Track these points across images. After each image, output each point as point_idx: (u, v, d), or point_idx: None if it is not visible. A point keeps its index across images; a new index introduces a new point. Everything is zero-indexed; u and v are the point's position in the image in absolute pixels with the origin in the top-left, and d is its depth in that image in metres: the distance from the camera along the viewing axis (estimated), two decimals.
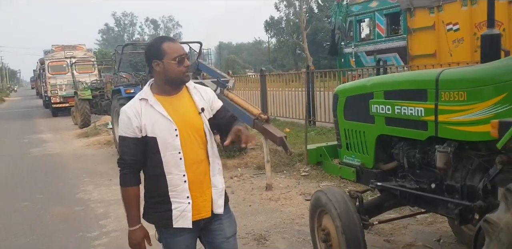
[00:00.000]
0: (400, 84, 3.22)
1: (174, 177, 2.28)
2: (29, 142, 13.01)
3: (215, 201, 2.37)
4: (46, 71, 22.03)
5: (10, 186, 7.58)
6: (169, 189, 2.28)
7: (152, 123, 2.26)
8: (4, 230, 5.26)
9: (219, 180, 2.43)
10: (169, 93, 2.34)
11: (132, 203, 2.30)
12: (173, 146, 2.27)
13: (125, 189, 2.30)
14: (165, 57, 2.25)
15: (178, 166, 2.28)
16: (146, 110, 2.28)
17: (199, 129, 2.34)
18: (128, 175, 2.30)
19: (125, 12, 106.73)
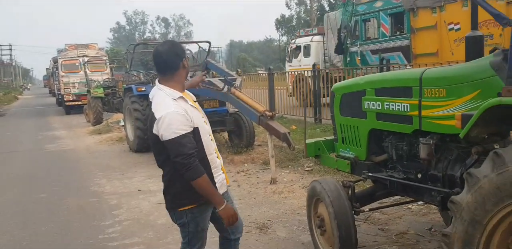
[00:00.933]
0: (389, 82, 3.49)
1: (212, 156, 2.69)
2: (43, 139, 13.42)
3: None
4: (59, 70, 22.49)
5: (28, 179, 7.95)
6: (212, 167, 2.66)
7: (192, 115, 2.59)
8: (24, 219, 5.61)
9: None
10: (183, 89, 2.73)
11: (212, 187, 2.59)
12: (207, 130, 2.70)
13: (203, 177, 2.52)
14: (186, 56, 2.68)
15: (212, 146, 2.71)
16: (186, 106, 2.60)
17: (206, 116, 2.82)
18: (199, 166, 2.51)
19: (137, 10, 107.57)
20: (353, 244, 3.39)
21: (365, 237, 4.26)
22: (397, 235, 4.27)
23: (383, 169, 3.69)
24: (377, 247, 4.02)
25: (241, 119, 8.71)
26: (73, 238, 4.81)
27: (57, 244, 4.67)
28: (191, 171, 2.49)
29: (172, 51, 2.61)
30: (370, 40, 10.86)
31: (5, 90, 49.79)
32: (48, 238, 4.86)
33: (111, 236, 4.80)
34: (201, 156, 2.58)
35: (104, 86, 16.23)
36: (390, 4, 9.91)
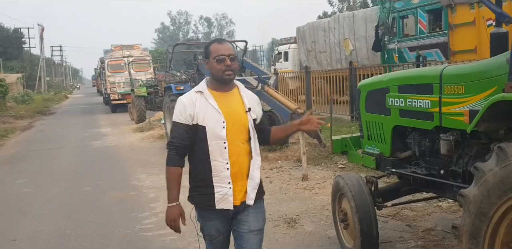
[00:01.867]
0: (411, 79, 3.55)
1: (218, 164, 2.49)
2: (90, 136, 14.02)
3: (249, 193, 2.54)
4: (105, 70, 23.34)
5: (74, 173, 8.40)
6: (213, 174, 2.49)
7: (204, 113, 2.49)
8: (68, 209, 5.98)
9: (257, 175, 2.57)
10: (222, 89, 2.57)
11: (173, 182, 2.50)
12: (219, 136, 2.48)
13: (169, 168, 2.51)
14: (210, 56, 2.53)
15: (223, 154, 2.49)
16: (200, 101, 2.52)
17: (244, 126, 2.55)
18: (174, 156, 2.51)
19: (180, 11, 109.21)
20: (374, 237, 3.47)
21: (392, 233, 4.32)
22: (424, 231, 4.30)
23: (407, 165, 3.74)
24: (403, 243, 4.07)
25: (276, 117, 8.85)
26: (112, 228, 5.11)
27: (98, 233, 4.97)
28: (167, 157, 2.52)
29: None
30: (408, 37, 10.73)
31: (56, 89, 51.98)
32: (90, 228, 5.17)
33: (147, 226, 5.06)
34: (202, 159, 2.50)
35: (147, 86, 16.74)
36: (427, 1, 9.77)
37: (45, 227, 5.33)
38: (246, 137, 2.55)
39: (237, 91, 2.63)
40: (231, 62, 2.51)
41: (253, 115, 2.57)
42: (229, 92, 2.59)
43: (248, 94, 2.65)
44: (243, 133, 2.55)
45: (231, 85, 2.61)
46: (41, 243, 4.83)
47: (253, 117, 2.57)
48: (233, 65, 2.53)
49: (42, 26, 53.15)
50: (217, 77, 2.54)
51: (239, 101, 2.58)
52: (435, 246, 3.95)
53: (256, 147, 2.59)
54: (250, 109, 2.56)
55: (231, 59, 2.51)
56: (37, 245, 4.77)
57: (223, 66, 2.49)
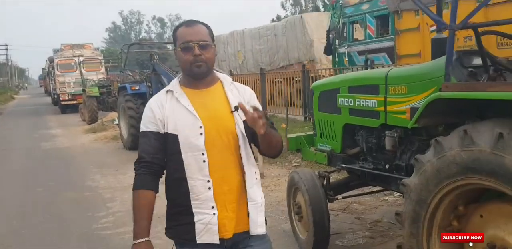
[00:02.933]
0: (360, 80, 3.81)
1: (196, 183, 1.94)
2: (39, 137, 13.67)
3: (253, 218, 1.98)
4: (55, 69, 22.74)
5: (25, 174, 8.23)
6: (191, 197, 1.95)
7: (175, 117, 1.97)
8: (21, 210, 5.90)
9: (258, 193, 2.03)
10: (197, 86, 2.02)
11: (142, 211, 1.94)
12: (196, 145, 1.94)
13: (136, 192, 1.97)
14: (177, 43, 2.00)
15: (201, 170, 1.94)
16: (171, 103, 2.00)
17: (229, 130, 1.98)
18: (142, 176, 1.97)
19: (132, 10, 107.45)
20: (326, 228, 3.70)
21: (342, 225, 4.59)
22: (371, 223, 4.59)
23: (355, 160, 4.00)
24: (352, 233, 4.34)
25: None
26: (70, 228, 5.11)
27: (55, 233, 4.96)
28: (134, 179, 2.00)
29: None
30: (357, 41, 11.20)
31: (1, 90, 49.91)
32: (46, 228, 5.15)
33: (105, 225, 5.10)
34: (177, 177, 1.97)
35: (99, 86, 16.53)
36: (376, 7, 10.24)
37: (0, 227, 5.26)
38: (234, 144, 1.99)
39: (220, 86, 2.05)
40: (201, 51, 1.93)
41: (242, 115, 1.93)
42: (208, 88, 2.03)
43: (237, 88, 2.08)
44: (229, 140, 1.98)
45: (211, 80, 2.04)
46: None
47: (244, 118, 1.94)
48: (204, 55, 1.94)
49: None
50: (186, 71, 2.01)
51: (222, 99, 2.02)
52: (381, 236, 4.24)
53: (250, 157, 2.02)
54: (237, 108, 1.93)
55: (201, 46, 1.94)
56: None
57: (190, 56, 1.94)
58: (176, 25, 2.08)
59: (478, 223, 2.29)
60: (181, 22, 2.14)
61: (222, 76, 2.11)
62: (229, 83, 2.08)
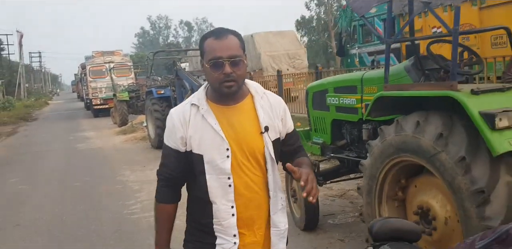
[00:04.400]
0: (342, 82, 4.49)
1: (220, 208, 1.85)
2: (75, 139, 14.71)
3: (275, 244, 1.92)
4: (87, 75, 23.95)
5: (63, 172, 9.17)
6: (214, 222, 1.86)
7: (199, 137, 1.84)
8: (62, 201, 6.78)
9: (282, 219, 1.94)
10: (226, 102, 1.86)
11: (163, 223, 1.94)
12: (221, 169, 1.83)
13: (158, 205, 1.95)
14: (204, 57, 1.82)
15: (227, 195, 1.84)
16: (196, 119, 1.85)
17: (258, 153, 1.86)
18: (164, 189, 1.95)
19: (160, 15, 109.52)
20: (315, 208, 4.40)
21: (336, 208, 5.26)
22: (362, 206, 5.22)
23: (343, 151, 4.67)
24: (343, 214, 5.01)
25: None
26: (104, 214, 5.93)
27: (91, 218, 5.79)
28: (156, 191, 1.99)
29: None
30: (367, 43, 11.78)
31: (36, 95, 52.06)
32: (83, 214, 5.99)
33: (133, 211, 5.91)
34: (200, 197, 1.88)
35: (129, 90, 17.48)
36: (383, 10, 10.78)
37: (44, 214, 6.12)
38: (262, 168, 1.87)
39: (251, 101, 1.88)
40: (232, 68, 1.75)
41: (273, 133, 1.86)
42: (237, 104, 1.87)
43: (269, 100, 1.90)
44: (256, 164, 1.87)
45: (241, 93, 1.87)
46: (43, 227, 5.62)
47: (274, 137, 1.87)
48: (236, 72, 1.76)
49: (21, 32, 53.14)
50: (215, 88, 1.84)
51: (252, 117, 1.86)
52: None
53: (277, 181, 1.92)
54: (268, 129, 1.85)
55: (233, 63, 1.76)
56: (39, 229, 5.56)
57: (220, 74, 1.76)
58: (204, 34, 1.86)
59: (413, 192, 2.96)
60: (209, 32, 1.86)
61: (253, 88, 1.91)
62: (261, 96, 1.89)
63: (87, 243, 4.91)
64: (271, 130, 1.85)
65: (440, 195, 2.69)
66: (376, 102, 3.07)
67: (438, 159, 2.48)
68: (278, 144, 1.89)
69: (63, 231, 5.39)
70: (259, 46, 17.85)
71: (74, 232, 5.28)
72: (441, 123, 2.55)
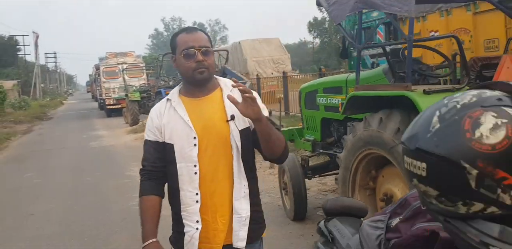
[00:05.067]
0: (330, 83, 4.86)
1: (186, 195, 1.95)
2: (88, 138, 15.24)
3: (236, 231, 1.95)
4: (101, 76, 24.56)
5: (75, 168, 9.65)
6: (182, 208, 1.97)
7: (171, 127, 1.97)
8: (74, 193, 7.23)
9: (244, 206, 1.96)
10: (196, 95, 1.99)
11: (146, 215, 1.97)
12: (189, 156, 1.93)
13: (142, 198, 2.02)
14: (177, 50, 1.96)
15: (192, 182, 1.94)
16: (169, 112, 2.00)
17: (224, 141, 1.94)
18: (145, 183, 2.02)
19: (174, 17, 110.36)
20: (303, 199, 4.76)
21: None
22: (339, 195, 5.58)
23: (331, 147, 5.03)
24: None
25: None
26: (113, 205, 6.37)
27: (100, 209, 6.23)
28: (139, 186, 2.05)
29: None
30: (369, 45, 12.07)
31: (51, 95, 53.06)
32: (94, 205, 6.43)
33: None
34: (173, 186, 1.99)
35: (140, 91, 18.01)
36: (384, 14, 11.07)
37: (56, 206, 6.57)
38: (228, 155, 1.94)
39: (220, 93, 2.00)
40: (203, 57, 1.91)
41: (240, 123, 1.94)
42: (207, 96, 2.00)
43: (237, 93, 1.86)
44: (222, 151, 1.95)
45: (211, 87, 2.00)
46: (55, 216, 6.07)
47: (243, 126, 1.94)
48: (207, 61, 1.92)
49: (36, 33, 54.24)
50: (187, 78, 1.97)
51: (221, 107, 1.95)
52: None
53: (241, 169, 1.96)
54: (233, 117, 1.93)
55: (203, 53, 1.91)
56: (52, 218, 6.01)
57: (192, 63, 1.90)
58: (175, 32, 2.05)
59: (381, 181, 3.31)
60: (179, 29, 2.08)
61: (223, 82, 2.04)
62: (230, 89, 1.96)
63: (95, 231, 5.34)
64: (238, 119, 1.92)
65: (402, 184, 3.05)
66: (350, 101, 3.43)
67: (396, 151, 2.83)
68: (248, 133, 1.95)
69: (74, 220, 5.83)
70: (245, 52, 19.72)
71: (84, 221, 5.72)
72: (400, 119, 2.91)
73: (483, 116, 0.96)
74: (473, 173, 0.95)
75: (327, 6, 3.68)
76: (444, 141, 0.98)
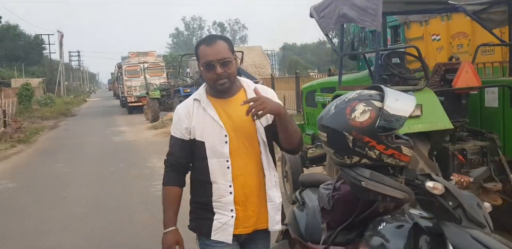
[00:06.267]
0: (326, 83, 5.51)
1: (219, 187, 2.15)
2: (110, 133, 16.10)
3: (272, 217, 2.21)
4: (123, 75, 25.43)
5: (100, 159, 10.47)
6: (213, 199, 2.16)
7: (202, 126, 2.15)
8: (99, 181, 8.02)
9: (276, 194, 2.23)
10: (222, 96, 2.17)
11: (169, 204, 2.21)
12: (221, 153, 2.13)
13: (164, 188, 2.24)
14: (199, 61, 2.15)
15: (225, 176, 2.14)
16: (198, 112, 2.17)
17: (251, 138, 2.16)
18: (169, 174, 2.25)
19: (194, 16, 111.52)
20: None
21: None
22: None
23: None
24: None
25: None
26: (133, 191, 7.12)
27: (122, 195, 6.98)
28: (163, 176, 2.29)
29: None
30: None
31: (75, 93, 54.53)
32: (117, 191, 7.19)
33: (158, 189, 6.92)
34: (202, 180, 2.18)
35: (160, 89, 18.80)
36: (390, 18, 11.63)
37: (84, 191, 7.35)
38: (256, 150, 2.17)
39: (243, 94, 2.19)
40: (222, 69, 2.08)
41: (263, 121, 2.15)
42: (233, 97, 2.18)
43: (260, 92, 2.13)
44: (251, 147, 2.16)
45: (235, 88, 2.19)
46: (83, 200, 6.84)
47: (266, 123, 2.16)
48: (226, 71, 2.09)
49: (61, 32, 55.66)
50: (211, 86, 2.17)
51: (245, 107, 2.06)
52: None
53: (270, 162, 2.20)
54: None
55: (222, 64, 2.08)
56: (82, 201, 6.78)
57: (213, 75, 2.08)
58: (197, 42, 2.18)
59: None
60: (201, 39, 2.21)
61: (246, 83, 2.24)
62: (252, 89, 2.18)
63: (118, 212, 6.08)
64: (262, 117, 2.06)
65: None
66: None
67: None
68: (270, 130, 2.17)
69: (99, 203, 6.60)
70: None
71: (108, 204, 6.48)
72: None
73: (357, 105, 1.65)
74: (350, 138, 1.64)
75: (317, 18, 4.31)
76: (335, 120, 1.66)
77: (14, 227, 5.67)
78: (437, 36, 9.68)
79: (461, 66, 3.83)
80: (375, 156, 1.66)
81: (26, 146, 13.85)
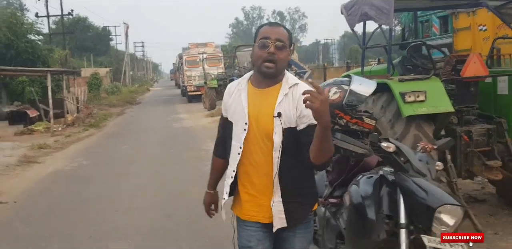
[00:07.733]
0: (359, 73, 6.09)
1: (229, 169, 2.25)
2: (171, 120, 17.30)
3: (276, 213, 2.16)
4: (183, 65, 26.72)
5: (161, 142, 11.56)
6: (225, 177, 2.30)
7: (234, 108, 2.19)
8: (161, 161, 9.06)
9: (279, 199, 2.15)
10: (259, 85, 2.15)
11: (212, 171, 2.44)
12: (239, 138, 2.15)
13: (213, 157, 2.45)
14: (256, 40, 2.11)
15: (234, 160, 2.18)
16: (235, 94, 2.20)
17: (267, 133, 2.11)
18: (216, 146, 2.41)
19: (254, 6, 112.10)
20: None
21: None
22: None
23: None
24: None
25: None
26: (190, 170, 8.04)
27: (180, 171, 7.93)
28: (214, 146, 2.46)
29: None
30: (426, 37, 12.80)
31: (139, 82, 57.10)
32: (175, 169, 8.16)
33: None
34: (228, 157, 2.27)
35: (218, 79, 19.74)
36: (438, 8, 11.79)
37: (148, 168, 8.39)
38: (268, 148, 2.12)
39: (278, 88, 2.12)
40: (275, 50, 2.03)
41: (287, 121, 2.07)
42: (266, 89, 2.14)
43: (296, 92, 2.08)
44: (264, 143, 2.13)
45: (275, 80, 2.12)
46: (147, 175, 7.85)
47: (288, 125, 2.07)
48: (278, 55, 2.03)
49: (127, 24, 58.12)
50: (256, 67, 2.10)
51: (273, 102, 2.09)
52: None
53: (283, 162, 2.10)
54: (280, 115, 2.07)
55: (277, 46, 2.03)
56: (145, 176, 7.80)
57: (264, 53, 2.03)
58: (260, 25, 2.19)
59: None
60: (265, 23, 2.26)
61: (286, 78, 2.13)
62: (289, 86, 2.10)
63: (177, 185, 7.01)
64: (285, 117, 2.05)
65: None
66: None
67: (380, 121, 4.07)
68: (292, 133, 2.07)
69: (161, 178, 7.59)
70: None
71: (169, 178, 7.47)
72: (385, 99, 4.14)
73: (332, 88, 2.34)
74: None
75: (346, 15, 4.90)
76: None
77: (92, 194, 6.73)
78: (484, 27, 9.85)
79: (469, 57, 4.31)
80: (344, 123, 2.36)
81: (97, 130, 15.31)
